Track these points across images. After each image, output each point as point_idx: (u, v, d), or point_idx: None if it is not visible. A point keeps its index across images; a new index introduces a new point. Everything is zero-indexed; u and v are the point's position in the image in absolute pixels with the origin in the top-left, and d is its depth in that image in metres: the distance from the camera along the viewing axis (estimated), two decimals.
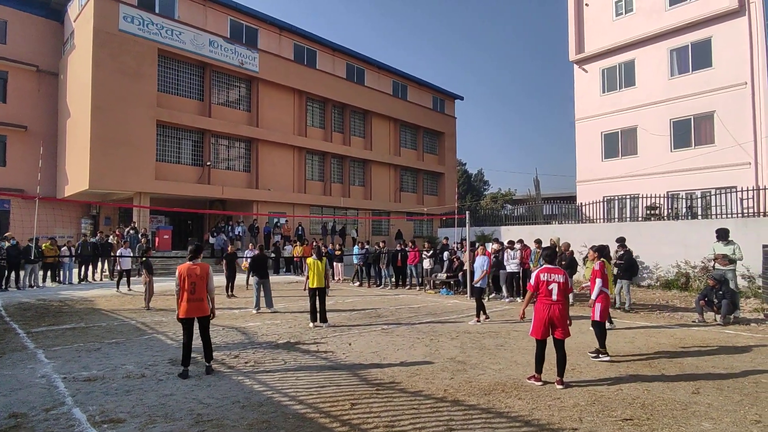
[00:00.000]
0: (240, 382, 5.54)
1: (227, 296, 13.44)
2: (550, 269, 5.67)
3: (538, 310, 5.59)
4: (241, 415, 4.49)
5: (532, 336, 5.60)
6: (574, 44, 23.93)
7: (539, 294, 5.60)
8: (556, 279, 5.57)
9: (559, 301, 5.50)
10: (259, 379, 5.64)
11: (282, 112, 25.89)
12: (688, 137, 19.99)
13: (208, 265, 6.23)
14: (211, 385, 5.42)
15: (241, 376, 5.80)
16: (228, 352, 7.03)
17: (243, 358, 6.66)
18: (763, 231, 12.51)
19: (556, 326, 5.48)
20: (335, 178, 28.98)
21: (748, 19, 18.60)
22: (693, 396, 5.07)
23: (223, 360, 6.59)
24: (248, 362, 6.45)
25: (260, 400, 4.90)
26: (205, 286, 6.03)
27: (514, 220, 22.77)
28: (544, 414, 4.52)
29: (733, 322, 9.35)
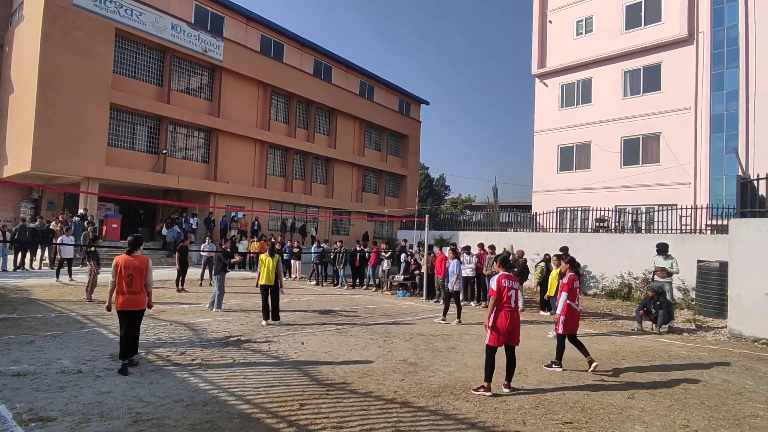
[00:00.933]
0: (185, 380, 5.35)
1: (177, 290, 12.96)
2: (509, 276, 5.67)
3: (500, 318, 5.47)
4: (183, 415, 4.33)
5: (489, 344, 5.47)
6: (537, 59, 24.76)
7: (501, 301, 5.50)
8: (514, 285, 5.61)
9: (516, 308, 5.57)
10: (205, 377, 5.47)
11: (245, 103, 25.28)
12: (637, 155, 21.12)
13: (148, 258, 5.99)
14: (154, 383, 5.21)
15: (186, 373, 5.61)
16: (174, 349, 6.78)
17: (189, 355, 6.44)
18: (698, 247, 13.36)
19: (513, 334, 5.51)
20: (297, 175, 28.60)
21: (696, 48, 19.87)
22: (628, 401, 5.33)
23: (168, 357, 6.35)
24: (195, 359, 6.25)
25: (205, 399, 4.75)
26: (144, 279, 5.80)
27: (472, 226, 23.25)
28: (489, 416, 4.63)
29: (668, 332, 9.92)
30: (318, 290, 15.37)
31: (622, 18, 22.11)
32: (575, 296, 6.71)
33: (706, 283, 12.00)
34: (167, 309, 10.18)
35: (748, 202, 9.81)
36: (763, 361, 7.55)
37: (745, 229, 9.46)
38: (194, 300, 11.68)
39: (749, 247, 9.30)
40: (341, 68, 30.67)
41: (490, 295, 5.67)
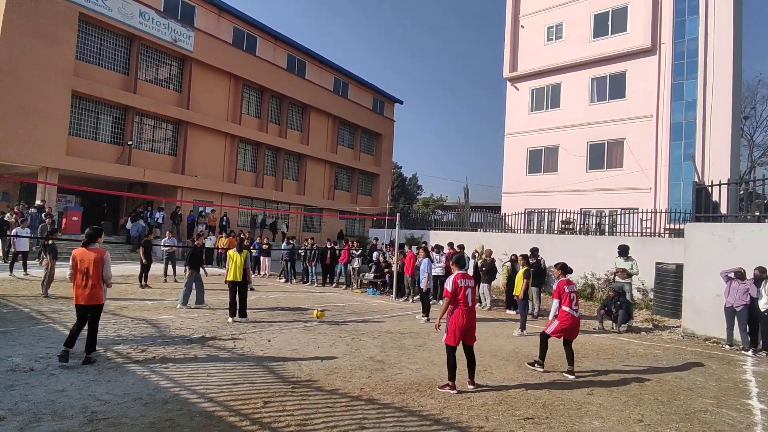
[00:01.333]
0: (145, 378, 5.20)
1: (140, 286, 12.59)
2: (464, 275, 5.71)
3: (456, 316, 5.50)
4: (141, 413, 4.21)
5: (446, 343, 5.52)
6: (509, 63, 25.22)
7: (457, 300, 5.54)
8: (469, 284, 5.64)
9: (473, 307, 5.62)
10: (166, 375, 5.33)
11: (216, 96, 24.74)
12: (602, 160, 21.82)
13: (104, 251, 5.79)
14: (112, 381, 5.04)
15: (146, 371, 5.45)
16: (135, 346, 6.58)
17: (151, 353, 6.27)
18: (657, 250, 13.90)
19: (470, 332, 5.57)
20: (268, 171, 28.21)
21: (659, 58, 20.68)
22: (587, 397, 5.51)
23: (128, 354, 6.15)
24: (156, 357, 6.08)
25: (165, 397, 4.63)
26: (100, 273, 5.61)
27: (444, 226, 23.48)
28: (453, 413, 4.69)
29: (627, 331, 10.30)
30: (287, 287, 15.21)
31: (591, 26, 22.77)
32: (569, 301, 6.55)
33: (664, 284, 12.52)
34: (129, 305, 9.87)
35: (702, 207, 10.28)
36: (713, 359, 7.94)
37: (698, 233, 9.92)
38: (158, 296, 11.36)
39: (702, 250, 9.75)
40: (315, 64, 30.41)
41: (444, 295, 5.72)
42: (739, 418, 5.08)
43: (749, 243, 9.16)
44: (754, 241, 9.13)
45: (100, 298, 5.66)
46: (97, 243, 5.84)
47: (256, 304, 10.93)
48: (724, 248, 9.42)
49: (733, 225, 9.90)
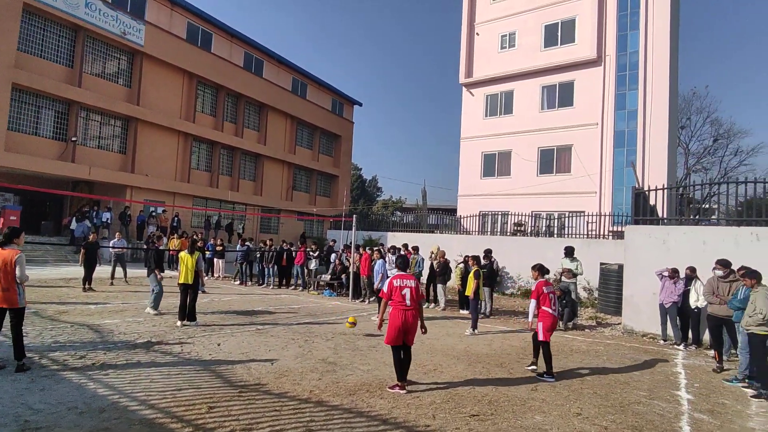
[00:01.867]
0: (82, 386, 4.96)
1: (83, 290, 11.96)
2: (402, 275, 5.77)
3: (393, 317, 5.55)
4: (76, 423, 4.02)
5: (386, 344, 5.60)
6: (464, 69, 25.85)
7: (393, 300, 5.59)
8: (408, 284, 5.65)
9: (412, 306, 5.58)
10: (105, 382, 5.11)
11: (168, 93, 23.87)
12: (552, 165, 22.75)
13: (17, 252, 5.47)
14: (46, 389, 4.78)
15: (84, 378, 5.20)
16: (72, 352, 6.26)
17: (90, 359, 5.98)
18: (601, 251, 14.64)
19: (408, 332, 5.56)
20: (224, 170, 27.49)
21: (603, 69, 21.81)
22: (531, 392, 5.73)
23: (64, 361, 5.85)
24: (95, 363, 5.81)
25: (103, 405, 4.44)
26: (12, 275, 5.33)
27: (402, 228, 23.72)
28: (402, 412, 4.76)
29: (572, 328, 10.77)
30: (242, 290, 14.89)
31: (542, 36, 23.72)
32: (548, 301, 6.68)
33: (607, 283, 13.19)
34: (70, 310, 9.36)
35: (641, 211, 10.92)
36: (648, 354, 8.44)
37: (637, 235, 10.53)
38: (102, 300, 10.83)
39: (640, 251, 10.36)
40: (273, 63, 29.95)
41: (381, 295, 5.84)
42: (668, 408, 5.44)
43: (682, 244, 9.81)
44: (685, 242, 9.80)
45: (15, 301, 5.36)
46: (15, 244, 5.53)
47: (208, 308, 10.64)
48: (659, 249, 10.04)
49: (667, 228, 10.57)
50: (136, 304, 10.59)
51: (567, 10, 23.04)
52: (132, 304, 10.61)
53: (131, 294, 12.17)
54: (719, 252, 8.85)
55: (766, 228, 9.10)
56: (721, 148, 35.68)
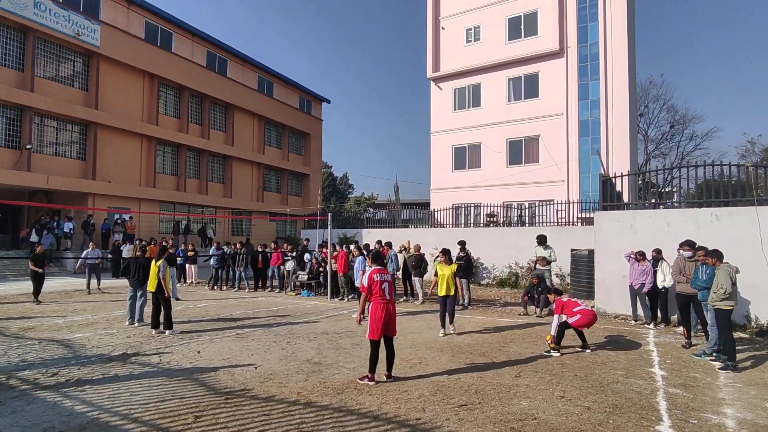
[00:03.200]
0: (57, 404, 4.76)
1: (36, 303, 11.49)
2: (381, 270, 5.89)
3: (374, 311, 5.67)
4: None
5: (369, 338, 5.68)
6: (431, 63, 26.01)
7: (374, 295, 5.70)
8: (386, 279, 5.81)
9: (391, 300, 5.78)
10: (82, 399, 4.91)
11: (128, 95, 23.04)
12: (520, 155, 23.22)
13: None
14: (17, 411, 4.56)
15: (58, 396, 4.99)
16: (44, 370, 5.99)
17: (63, 376, 5.74)
18: (572, 237, 15.06)
19: (390, 324, 5.70)
20: (191, 173, 26.80)
21: (566, 60, 22.36)
22: (515, 379, 5.85)
23: (36, 380, 5.59)
24: (70, 380, 5.58)
25: (82, 423, 4.27)
26: None
27: (376, 224, 23.70)
28: (391, 407, 4.78)
29: (549, 314, 11.03)
30: (217, 295, 14.58)
31: (505, 29, 24.10)
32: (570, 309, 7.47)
33: (578, 268, 13.57)
34: (35, 325, 8.95)
35: (608, 197, 11.28)
36: (622, 334, 8.74)
37: (605, 220, 10.89)
38: (70, 313, 10.41)
39: (609, 236, 10.72)
40: (237, 62, 29.35)
41: (361, 290, 5.93)
42: (644, 385, 5.67)
43: (647, 228, 10.20)
44: (651, 226, 10.19)
45: None
46: None
47: (184, 315, 10.38)
48: (627, 233, 10.41)
49: (633, 212, 10.97)
50: (107, 316, 10.23)
51: (529, 3, 23.49)
52: (102, 316, 10.24)
53: (100, 305, 11.74)
54: (682, 233, 9.26)
55: (724, 209, 9.56)
56: (678, 134, 37.23)
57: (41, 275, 11.88)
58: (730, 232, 9.01)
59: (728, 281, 6.44)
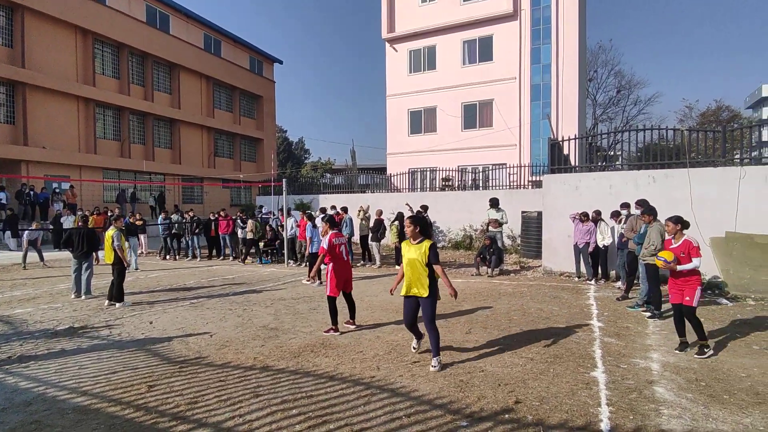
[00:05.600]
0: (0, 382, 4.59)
1: None
2: (338, 234, 6.48)
3: (336, 271, 6.25)
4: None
5: (330, 295, 6.24)
6: (386, 23, 25.39)
7: (335, 256, 6.28)
8: (343, 241, 6.52)
9: (348, 260, 6.52)
10: (26, 375, 4.75)
11: (60, 53, 21.20)
12: (475, 120, 23.47)
13: None
14: None
15: (1, 373, 4.80)
16: None
17: (4, 353, 5.51)
18: (523, 200, 15.60)
19: (348, 281, 6.44)
20: (135, 138, 25.35)
21: (519, 24, 22.43)
22: (466, 335, 6.16)
23: None
24: (11, 357, 5.37)
25: (28, 399, 4.15)
26: None
27: (333, 189, 23.54)
28: (347, 368, 4.93)
29: (500, 274, 11.55)
30: (169, 265, 14.21)
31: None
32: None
33: (528, 230, 14.18)
34: None
35: (556, 160, 11.70)
36: (565, 291, 9.31)
37: (553, 183, 11.33)
38: (8, 288, 9.87)
39: (556, 198, 11.19)
40: (181, 18, 27.46)
41: (320, 251, 6.48)
42: (583, 336, 6.12)
43: (592, 189, 10.72)
44: (595, 187, 10.71)
45: None
46: None
47: (135, 286, 10.09)
48: (573, 195, 10.91)
49: (579, 175, 11.46)
50: (50, 290, 9.79)
51: None
52: (45, 290, 9.79)
53: (42, 280, 11.20)
54: (623, 194, 9.80)
55: (660, 171, 10.16)
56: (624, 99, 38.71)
57: None
58: (665, 193, 9.61)
59: (659, 238, 6.93)
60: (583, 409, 3.90)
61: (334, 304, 6.26)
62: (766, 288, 8.70)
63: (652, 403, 4.00)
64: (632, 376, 4.65)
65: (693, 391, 4.30)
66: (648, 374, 4.73)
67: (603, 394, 4.22)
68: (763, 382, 4.52)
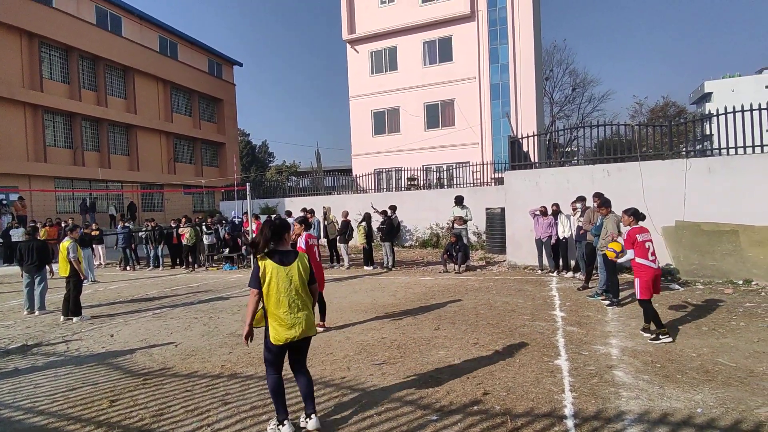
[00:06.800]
0: None
1: None
2: (311, 235, 6.63)
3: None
4: None
5: None
6: (346, 25, 25.41)
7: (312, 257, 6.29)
8: (316, 242, 6.79)
9: (320, 261, 6.83)
10: None
11: (3, 57, 20.05)
12: (437, 119, 23.81)
13: None
14: None
15: None
16: None
17: None
18: (487, 197, 15.94)
19: (320, 282, 6.43)
20: (89, 146, 24.28)
21: (477, 24, 22.91)
22: (435, 332, 6.24)
23: None
24: None
25: None
26: None
27: (299, 192, 23.35)
28: (317, 370, 4.90)
29: (466, 270, 11.76)
30: (130, 275, 13.71)
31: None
32: (645, 251, 5.68)
33: (492, 226, 14.49)
34: None
35: (516, 157, 12.02)
36: (529, 283, 9.59)
37: (514, 179, 11.64)
38: None
39: (518, 194, 11.50)
40: (133, 20, 26.51)
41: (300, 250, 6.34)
42: (546, 326, 6.32)
43: (550, 184, 11.08)
44: (553, 182, 11.07)
45: None
46: None
47: (93, 299, 9.69)
48: (533, 191, 11.24)
49: (539, 171, 11.82)
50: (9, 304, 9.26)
51: None
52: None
53: None
54: (579, 189, 10.17)
55: (614, 165, 10.61)
56: (579, 96, 40.12)
57: None
58: (619, 186, 10.03)
59: (615, 228, 7.25)
60: (548, 396, 4.04)
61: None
62: (713, 272, 9.25)
63: (612, 387, 4.19)
64: (593, 362, 4.85)
65: (649, 372, 4.52)
66: (608, 359, 4.94)
67: (566, 380, 4.38)
68: (712, 360, 4.81)
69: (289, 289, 3.45)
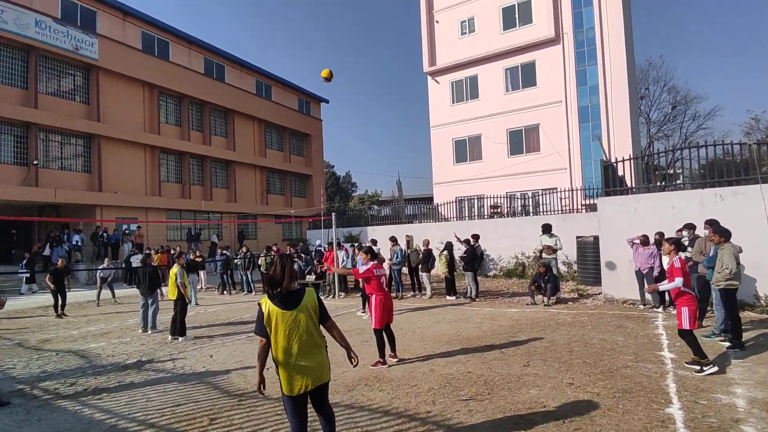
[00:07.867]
0: (77, 413, 4.89)
1: (56, 316, 11.68)
2: (378, 265, 6.66)
3: (381, 301, 6.37)
4: None
5: (376, 327, 6.33)
6: (427, 57, 25.98)
7: (377, 289, 6.41)
8: (384, 273, 6.74)
9: (389, 291, 6.70)
10: (100, 407, 5.04)
11: (129, 106, 23.22)
12: (521, 145, 23.17)
13: None
14: (42, 420, 4.70)
15: (78, 405, 5.12)
16: (63, 380, 6.13)
17: (81, 385, 5.88)
18: (576, 224, 15.03)
19: (391, 314, 6.49)
20: (195, 180, 26.98)
21: (562, 47, 22.24)
22: (524, 368, 5.90)
23: (56, 389, 5.74)
24: (88, 389, 5.72)
25: (102, 430, 4.39)
26: None
27: (380, 221, 23.78)
28: (402, 402, 4.85)
29: (556, 302, 11.07)
30: (227, 299, 14.74)
31: (500, 19, 24.00)
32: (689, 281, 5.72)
33: (585, 255, 13.58)
34: (52, 337, 9.13)
35: (610, 182, 11.27)
36: (630, 319, 8.76)
37: (609, 206, 10.88)
38: (84, 324, 10.58)
39: (613, 221, 10.71)
40: (235, 67, 29.46)
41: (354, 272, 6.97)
42: (654, 368, 5.69)
43: (651, 211, 10.18)
44: (655, 209, 10.17)
45: None
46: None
47: (195, 321, 10.52)
48: (631, 218, 10.40)
49: (637, 196, 10.95)
50: (120, 325, 10.40)
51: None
52: (116, 325, 10.41)
53: (113, 315, 11.92)
54: (686, 215, 9.24)
55: (728, 188, 9.52)
56: (680, 115, 36.91)
57: (63, 289, 12.08)
58: (735, 212, 8.97)
59: (732, 261, 6.44)
60: None
61: (382, 336, 6.33)
62: None
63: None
64: (714, 414, 4.26)
65: None
66: (733, 411, 4.32)
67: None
68: None
69: (298, 334, 3.20)
